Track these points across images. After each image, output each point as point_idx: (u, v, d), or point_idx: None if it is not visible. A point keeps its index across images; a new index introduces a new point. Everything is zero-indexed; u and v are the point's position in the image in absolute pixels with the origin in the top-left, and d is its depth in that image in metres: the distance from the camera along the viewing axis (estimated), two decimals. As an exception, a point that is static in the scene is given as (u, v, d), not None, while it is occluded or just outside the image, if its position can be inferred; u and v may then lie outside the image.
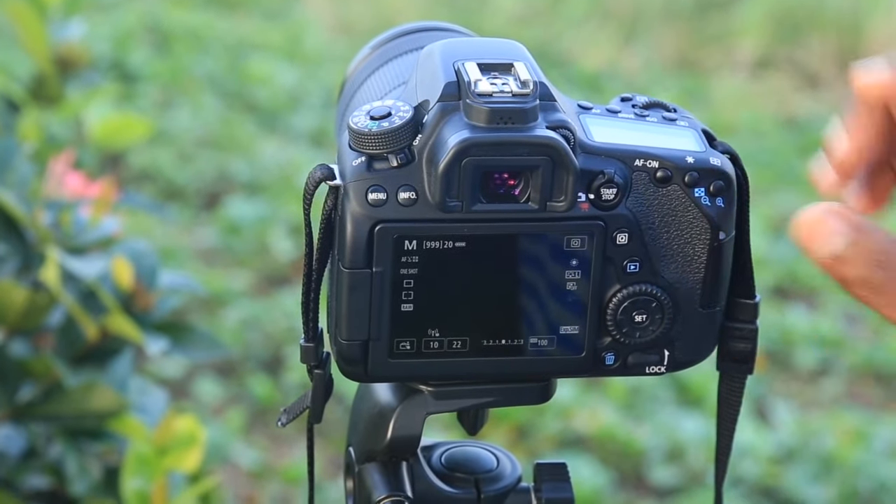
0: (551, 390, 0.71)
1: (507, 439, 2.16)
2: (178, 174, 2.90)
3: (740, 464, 2.15)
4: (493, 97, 0.64)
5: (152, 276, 1.14)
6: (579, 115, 0.68)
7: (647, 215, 0.67)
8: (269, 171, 2.94)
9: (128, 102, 3.06)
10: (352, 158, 0.65)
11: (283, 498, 2.06)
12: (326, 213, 0.66)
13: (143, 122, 1.41)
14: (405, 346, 0.66)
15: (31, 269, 1.14)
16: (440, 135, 0.64)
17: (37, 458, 1.16)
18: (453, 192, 0.64)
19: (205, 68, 3.42)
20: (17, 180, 1.17)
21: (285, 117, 3.21)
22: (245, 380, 2.30)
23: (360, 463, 0.72)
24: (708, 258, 0.68)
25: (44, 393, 1.13)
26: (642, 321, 0.67)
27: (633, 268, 0.67)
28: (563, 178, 0.65)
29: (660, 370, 0.69)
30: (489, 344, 0.67)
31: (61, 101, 1.35)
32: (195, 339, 1.15)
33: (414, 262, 0.65)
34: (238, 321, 2.42)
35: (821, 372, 2.46)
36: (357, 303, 0.65)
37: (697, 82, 3.66)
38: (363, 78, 0.75)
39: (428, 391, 0.69)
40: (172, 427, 1.09)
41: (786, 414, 2.30)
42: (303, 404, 0.71)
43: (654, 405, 2.30)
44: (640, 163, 0.67)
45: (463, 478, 0.73)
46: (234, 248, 2.67)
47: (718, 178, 0.67)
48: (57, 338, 1.15)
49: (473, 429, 0.75)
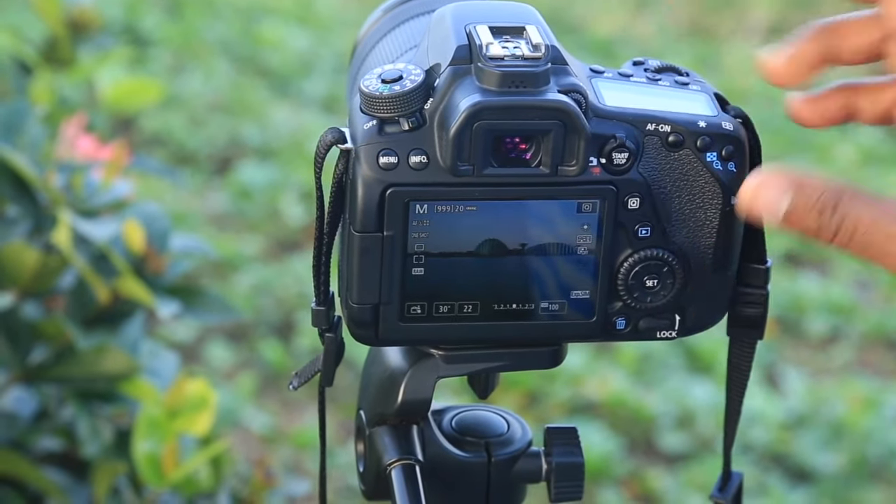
0: (562, 355, 0.71)
1: (518, 405, 2.16)
2: (189, 139, 2.90)
3: (751, 430, 2.15)
4: (504, 61, 0.64)
5: (164, 240, 1.14)
6: (591, 79, 0.68)
7: (659, 180, 0.67)
8: (280, 137, 2.94)
9: (139, 66, 3.06)
10: (363, 122, 0.65)
11: (295, 462, 2.06)
12: (337, 177, 0.66)
13: (155, 86, 1.41)
14: (416, 309, 0.66)
15: (42, 232, 1.14)
16: (451, 98, 0.64)
17: (49, 420, 1.17)
18: (464, 156, 0.64)
19: (217, 33, 3.41)
20: (29, 143, 1.17)
21: (297, 82, 3.21)
22: (256, 345, 2.31)
23: (370, 426, 0.72)
24: (720, 223, 0.68)
25: (55, 355, 1.14)
26: (653, 286, 0.67)
27: (644, 232, 0.67)
28: (575, 142, 0.64)
29: (671, 335, 0.69)
30: (500, 308, 0.67)
31: (73, 64, 1.35)
32: (207, 302, 1.15)
33: (425, 225, 0.65)
34: (249, 286, 2.43)
35: (831, 339, 2.45)
36: (368, 266, 0.65)
37: (710, 49, 3.65)
38: (375, 41, 0.75)
39: (438, 355, 0.69)
40: (183, 390, 1.09)
41: (796, 381, 2.30)
42: (314, 368, 0.71)
43: (665, 372, 2.30)
44: (652, 127, 0.67)
45: (473, 441, 0.73)
46: (245, 213, 2.67)
47: (730, 142, 0.67)
48: (68, 300, 1.15)
49: (484, 393, 0.75)
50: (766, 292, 0.71)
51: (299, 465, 2.06)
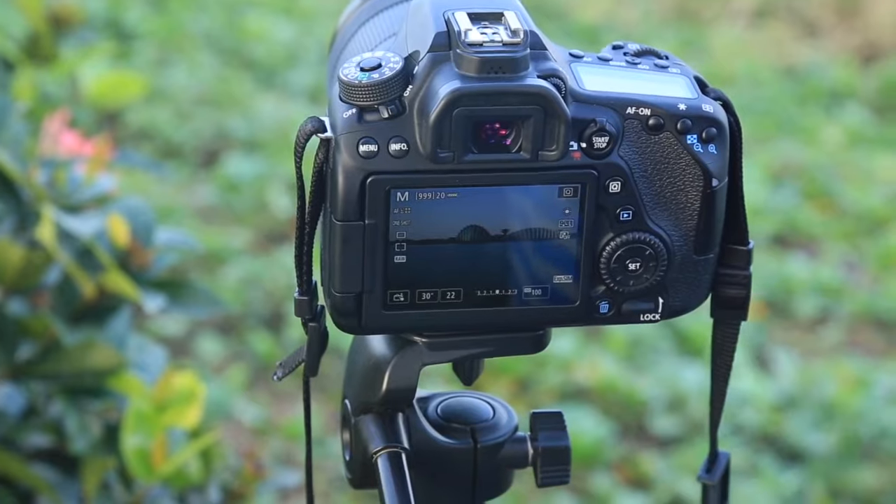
0: (546, 340, 0.71)
1: (508, 392, 2.16)
2: (175, 132, 2.90)
3: (741, 412, 2.15)
4: (483, 47, 0.64)
5: (149, 234, 1.14)
6: (570, 64, 0.68)
7: (640, 163, 0.67)
8: (267, 129, 2.93)
9: (123, 61, 3.05)
10: (342, 110, 0.65)
11: (285, 453, 2.06)
12: (318, 166, 0.66)
13: (139, 80, 1.40)
14: (399, 297, 0.66)
15: (26, 228, 1.14)
16: (431, 85, 0.64)
17: (37, 416, 1.16)
18: (444, 143, 0.64)
19: (201, 25, 3.40)
20: (12, 139, 1.16)
21: (283, 74, 3.20)
22: (246, 337, 2.30)
23: (356, 415, 0.72)
24: (701, 205, 0.68)
25: (42, 351, 1.14)
26: (636, 269, 0.67)
27: (626, 216, 0.67)
28: (555, 127, 0.64)
29: (654, 317, 0.69)
30: (482, 294, 0.67)
31: (56, 59, 1.34)
32: (194, 295, 1.15)
33: (406, 213, 0.65)
34: (238, 279, 2.42)
35: (821, 319, 2.46)
36: (350, 255, 0.65)
37: (696, 33, 3.65)
38: (354, 30, 0.75)
39: (422, 342, 0.70)
40: (171, 384, 1.09)
41: (786, 362, 2.31)
42: (298, 358, 0.71)
43: (655, 356, 2.30)
44: (632, 111, 0.67)
45: (459, 428, 0.73)
46: (233, 206, 2.67)
47: (711, 124, 0.67)
48: (54, 296, 1.15)
49: (469, 379, 0.75)
50: (749, 273, 0.71)
51: (291, 457, 2.06)
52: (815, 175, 2.87)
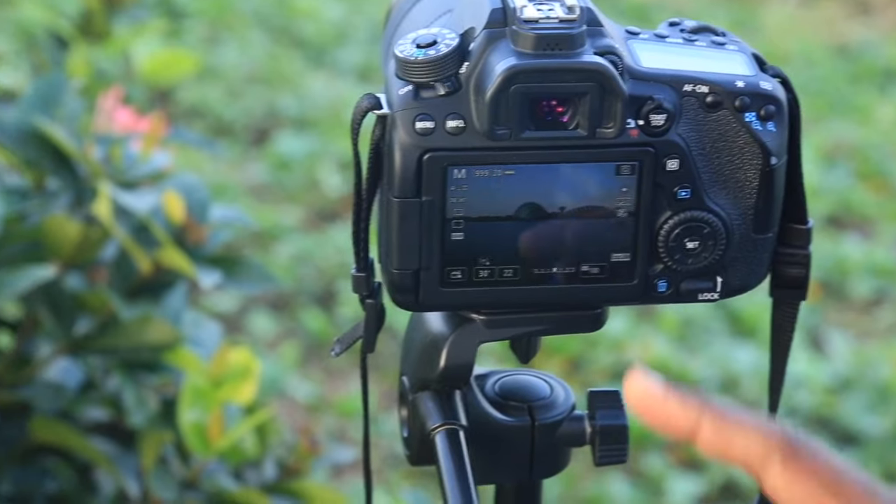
0: (603, 318, 0.70)
1: (561, 371, 2.16)
2: (226, 110, 2.91)
3: (795, 394, 2.14)
4: (539, 23, 0.64)
5: (203, 210, 1.15)
6: (627, 41, 0.67)
7: (698, 141, 0.66)
8: (317, 107, 2.94)
9: (175, 39, 3.06)
10: (398, 87, 0.65)
11: (339, 430, 2.07)
12: (374, 143, 0.66)
13: (191, 58, 1.41)
14: (456, 274, 0.66)
15: (83, 204, 1.15)
16: (487, 62, 0.64)
17: (95, 390, 1.17)
18: (501, 120, 0.64)
19: (251, 4, 3.41)
20: (67, 116, 1.17)
21: (332, 52, 3.21)
22: (298, 314, 2.31)
23: (413, 392, 0.72)
24: (760, 183, 0.67)
25: (100, 326, 1.15)
26: (694, 248, 0.67)
27: (684, 194, 0.66)
28: (612, 104, 0.64)
29: (713, 297, 0.69)
30: (540, 272, 0.67)
31: (109, 37, 1.35)
32: (248, 271, 1.16)
33: (463, 190, 0.65)
34: (290, 256, 2.43)
35: (876, 301, 2.44)
36: (407, 232, 0.65)
37: (747, 12, 3.62)
38: (408, 6, 0.74)
39: (480, 320, 0.69)
40: (227, 359, 1.10)
41: (841, 344, 2.29)
42: (356, 334, 0.71)
43: (707, 336, 2.30)
44: (690, 88, 0.66)
45: (517, 406, 0.73)
46: (284, 184, 2.68)
47: (769, 102, 0.67)
48: (111, 272, 1.16)
49: (526, 357, 0.75)
50: (809, 252, 0.70)
51: (344, 433, 2.07)
52: (868, 155, 2.85)
